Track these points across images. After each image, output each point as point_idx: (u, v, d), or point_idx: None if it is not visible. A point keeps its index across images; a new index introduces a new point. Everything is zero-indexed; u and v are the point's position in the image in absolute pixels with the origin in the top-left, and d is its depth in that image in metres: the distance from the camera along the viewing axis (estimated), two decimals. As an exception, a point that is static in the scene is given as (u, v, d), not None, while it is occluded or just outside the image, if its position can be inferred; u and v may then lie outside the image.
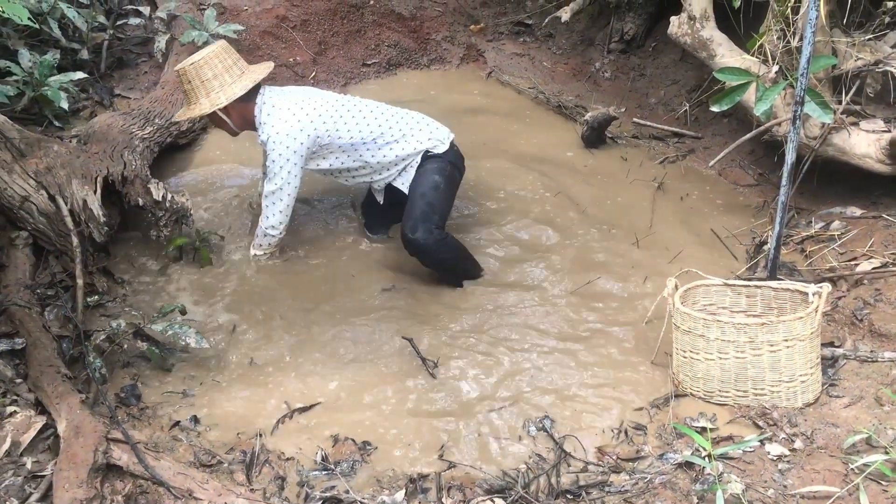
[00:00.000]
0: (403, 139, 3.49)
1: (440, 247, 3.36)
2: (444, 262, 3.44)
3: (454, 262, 3.47)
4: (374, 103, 3.57)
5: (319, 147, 3.40)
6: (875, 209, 3.61)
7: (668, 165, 4.41)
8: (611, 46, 5.35)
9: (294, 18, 5.23)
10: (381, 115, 3.49)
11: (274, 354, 3.03)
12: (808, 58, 2.84)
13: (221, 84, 3.31)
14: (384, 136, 3.45)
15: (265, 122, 3.36)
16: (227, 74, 3.32)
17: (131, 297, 3.28)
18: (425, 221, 3.35)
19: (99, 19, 4.71)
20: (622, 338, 3.15)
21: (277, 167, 3.32)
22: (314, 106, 3.38)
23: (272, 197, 3.38)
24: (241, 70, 3.37)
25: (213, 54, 3.31)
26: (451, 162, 3.57)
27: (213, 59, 3.31)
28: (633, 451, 2.62)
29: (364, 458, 2.58)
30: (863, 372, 2.79)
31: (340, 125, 3.39)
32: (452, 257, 3.45)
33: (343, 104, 3.46)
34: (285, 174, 3.33)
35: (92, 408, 2.57)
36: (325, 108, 3.39)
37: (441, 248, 3.37)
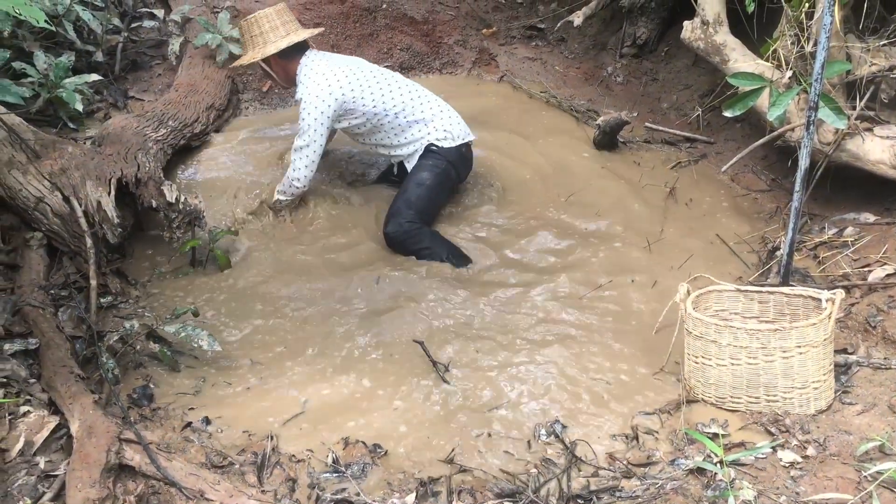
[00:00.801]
0: (422, 123, 3.76)
1: (409, 238, 3.61)
2: (419, 252, 3.62)
3: (430, 252, 3.61)
4: (408, 82, 3.88)
5: (345, 111, 3.70)
6: (889, 215, 3.59)
7: (680, 170, 4.40)
8: (623, 51, 5.34)
9: (307, 22, 5.24)
10: (408, 94, 3.79)
11: (285, 356, 3.04)
12: (823, 63, 2.83)
13: (266, 40, 3.75)
14: (405, 112, 3.75)
15: (302, 81, 3.73)
16: (273, 33, 3.76)
17: (144, 298, 3.30)
18: (396, 216, 3.65)
19: (114, 22, 4.75)
20: (633, 343, 3.15)
21: (306, 125, 3.64)
22: (346, 73, 3.69)
23: (300, 152, 3.68)
24: (287, 31, 3.78)
25: (267, 13, 3.77)
26: (450, 161, 3.75)
27: (265, 17, 3.77)
28: (644, 457, 2.61)
29: (375, 460, 2.58)
30: (876, 379, 2.78)
31: (367, 94, 3.69)
32: (426, 247, 3.61)
33: (376, 75, 3.78)
34: (312, 132, 3.64)
35: (104, 408, 2.59)
36: (356, 76, 3.70)
37: (411, 239, 3.60)
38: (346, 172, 4.22)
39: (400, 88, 3.79)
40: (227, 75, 4.73)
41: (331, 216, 3.88)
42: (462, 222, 3.92)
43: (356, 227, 3.84)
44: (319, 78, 3.66)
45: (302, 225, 3.82)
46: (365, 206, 3.97)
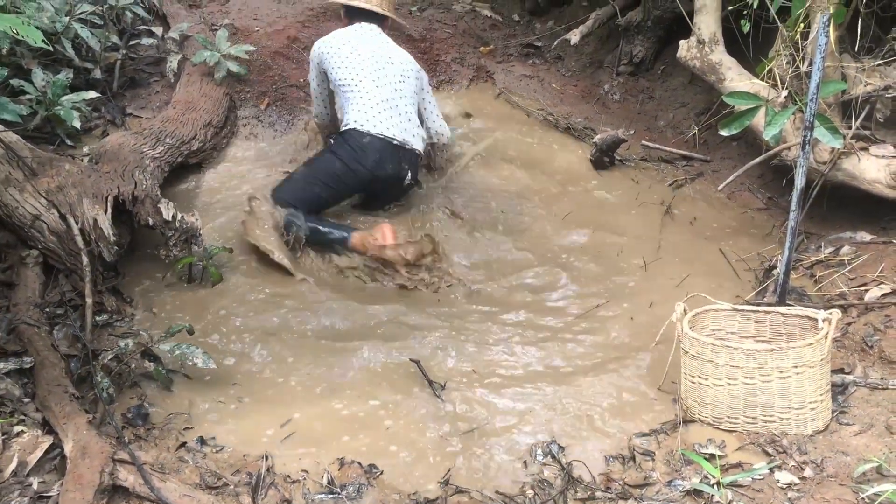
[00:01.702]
0: (351, 103, 3.92)
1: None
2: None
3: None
4: (375, 62, 3.99)
5: (322, 70, 4.06)
6: (885, 234, 3.60)
7: (676, 188, 4.41)
8: (620, 69, 5.37)
9: (305, 39, 5.26)
10: (361, 71, 3.94)
11: (280, 374, 3.02)
12: (818, 83, 2.84)
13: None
14: (344, 87, 3.95)
15: None
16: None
17: (140, 316, 3.28)
18: (274, 189, 3.89)
19: (112, 39, 4.76)
20: (630, 362, 3.14)
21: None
22: (337, 38, 4.03)
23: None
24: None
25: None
26: (343, 149, 3.85)
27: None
28: (640, 478, 2.60)
29: (370, 481, 2.56)
30: (873, 399, 2.77)
31: (335, 59, 3.97)
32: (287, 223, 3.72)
33: (355, 47, 3.99)
34: (310, 77, 4.17)
35: (99, 428, 2.57)
36: (341, 43, 4.00)
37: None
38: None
39: (360, 63, 3.95)
40: (225, 92, 4.74)
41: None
42: (455, 239, 3.92)
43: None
44: (325, 36, 4.11)
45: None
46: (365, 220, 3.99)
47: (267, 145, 4.63)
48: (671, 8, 4.93)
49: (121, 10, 4.82)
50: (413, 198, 4.16)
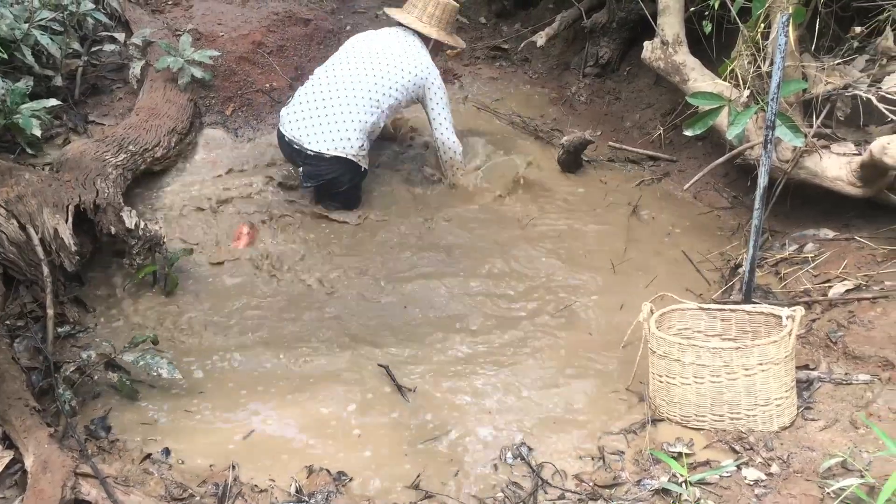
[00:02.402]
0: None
1: None
2: None
3: None
4: (350, 63, 4.12)
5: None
6: (847, 231, 3.64)
7: (643, 188, 4.43)
8: (586, 71, 5.38)
9: (270, 44, 5.23)
10: (327, 68, 4.18)
11: (247, 383, 2.99)
12: (779, 82, 2.87)
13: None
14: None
15: None
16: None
17: (103, 326, 3.24)
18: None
19: (73, 46, 4.68)
20: (598, 363, 3.15)
21: None
22: (365, 33, 4.38)
23: None
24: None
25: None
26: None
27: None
28: (610, 478, 2.60)
29: (339, 488, 2.55)
30: (837, 395, 2.80)
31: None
32: None
33: (355, 44, 4.27)
34: None
35: (61, 441, 2.53)
36: (358, 37, 4.34)
37: None
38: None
39: (333, 66, 4.14)
40: (189, 98, 4.69)
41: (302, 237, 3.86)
42: (424, 243, 3.92)
43: (318, 247, 3.81)
44: None
45: (262, 245, 3.79)
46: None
47: (233, 151, 4.59)
48: (635, 9, 4.95)
49: (81, 16, 4.75)
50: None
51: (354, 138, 3.95)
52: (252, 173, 4.34)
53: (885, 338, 2.91)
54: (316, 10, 5.65)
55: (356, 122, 3.96)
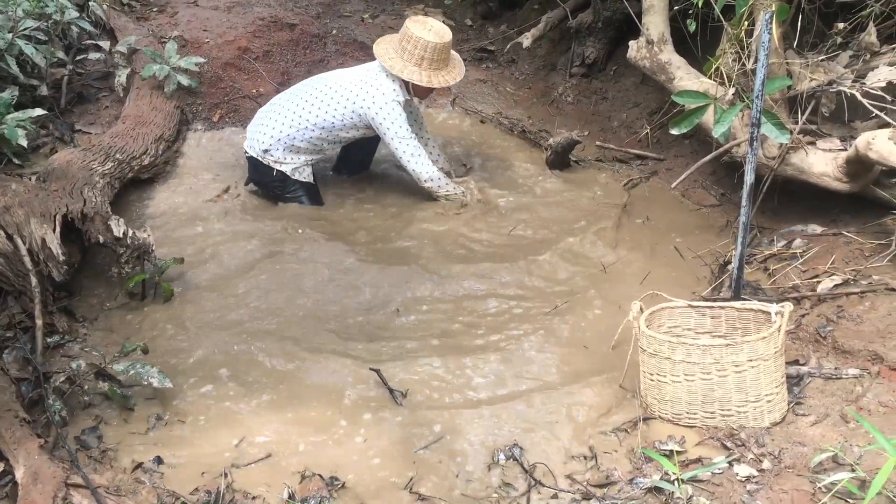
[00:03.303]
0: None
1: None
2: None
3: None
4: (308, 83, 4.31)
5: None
6: (835, 226, 3.66)
7: (632, 188, 4.44)
8: (572, 71, 5.40)
9: (256, 49, 5.23)
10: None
11: (238, 390, 2.98)
12: (763, 80, 2.88)
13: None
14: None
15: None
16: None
17: (93, 336, 3.22)
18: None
19: (58, 55, 4.68)
20: (589, 362, 3.15)
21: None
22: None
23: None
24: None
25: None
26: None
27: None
28: (602, 477, 2.61)
29: (332, 493, 2.54)
30: (828, 389, 2.81)
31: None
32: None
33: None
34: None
35: (51, 452, 2.52)
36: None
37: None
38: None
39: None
40: (175, 106, 4.69)
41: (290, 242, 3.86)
42: (411, 245, 3.93)
43: (308, 255, 3.82)
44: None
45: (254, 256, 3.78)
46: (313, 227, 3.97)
47: (221, 158, 4.58)
48: (620, 9, 4.97)
49: (66, 25, 4.75)
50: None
51: (268, 144, 4.14)
52: (240, 178, 4.34)
53: (873, 332, 2.93)
54: (301, 15, 5.66)
55: (275, 131, 4.13)
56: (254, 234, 3.91)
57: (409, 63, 4.03)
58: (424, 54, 4.02)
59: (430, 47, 4.01)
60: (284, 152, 4.14)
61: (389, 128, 4.08)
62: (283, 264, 3.73)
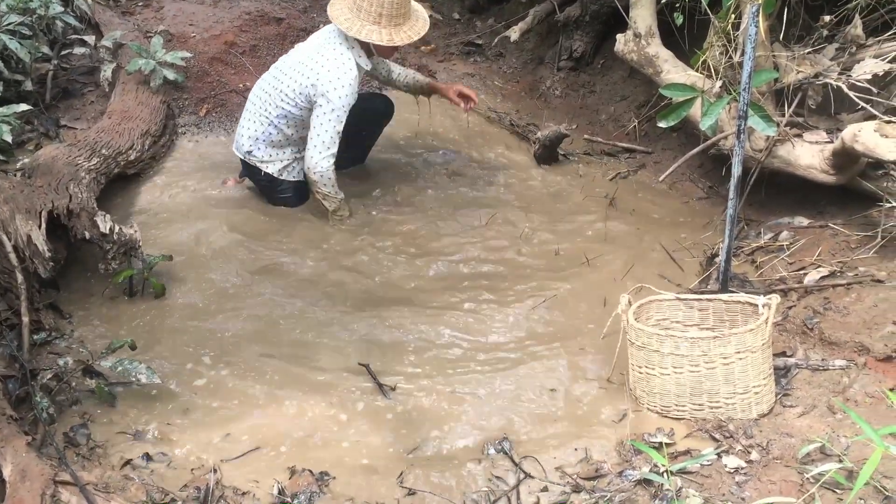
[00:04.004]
0: None
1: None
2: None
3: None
4: (276, 66, 4.08)
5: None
6: (822, 218, 3.68)
7: (619, 181, 4.45)
8: (560, 64, 5.40)
9: (243, 44, 5.21)
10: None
11: (227, 385, 2.97)
12: (750, 72, 2.89)
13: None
14: None
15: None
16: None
17: (80, 333, 3.20)
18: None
19: (42, 50, 4.64)
20: (578, 356, 3.16)
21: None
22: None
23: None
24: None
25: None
26: None
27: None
28: (592, 470, 2.62)
29: (322, 489, 2.54)
30: (815, 381, 2.83)
31: None
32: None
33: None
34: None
35: (39, 450, 2.50)
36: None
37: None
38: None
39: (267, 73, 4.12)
40: (162, 100, 4.66)
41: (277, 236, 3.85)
42: (397, 240, 3.94)
43: (295, 246, 3.81)
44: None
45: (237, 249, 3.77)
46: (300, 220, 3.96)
47: (208, 153, 4.56)
48: (607, 2, 4.97)
49: (50, 19, 4.70)
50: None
51: (248, 145, 4.02)
52: (230, 172, 4.32)
53: (860, 323, 2.95)
54: (288, 9, 5.64)
55: (250, 131, 4.01)
56: (244, 229, 3.89)
57: (367, 22, 3.69)
58: (382, 10, 3.66)
59: (386, 2, 3.66)
60: (267, 149, 3.99)
61: (325, 106, 3.75)
62: (273, 259, 3.71)
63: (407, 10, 3.79)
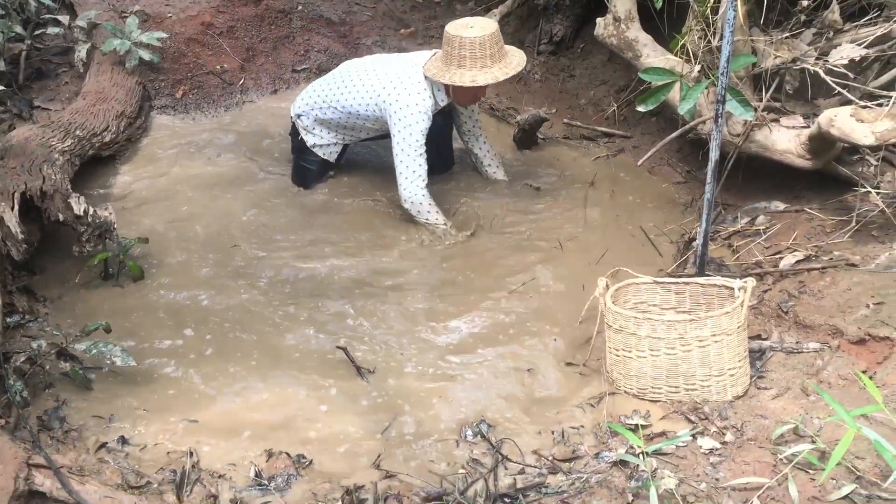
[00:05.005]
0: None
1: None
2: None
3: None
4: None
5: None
6: (798, 203, 3.70)
7: (599, 165, 4.45)
8: (540, 48, 5.38)
9: (220, 25, 5.14)
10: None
11: (202, 367, 2.96)
12: (728, 57, 2.89)
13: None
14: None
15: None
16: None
17: (54, 316, 3.17)
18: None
19: (15, 29, 4.56)
20: (556, 338, 3.17)
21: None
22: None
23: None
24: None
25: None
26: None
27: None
28: (569, 452, 2.63)
29: (299, 471, 2.54)
30: (789, 363, 2.85)
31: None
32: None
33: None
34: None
35: (13, 433, 2.48)
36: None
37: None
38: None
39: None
40: (137, 82, 4.60)
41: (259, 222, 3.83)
42: (376, 225, 3.93)
43: (277, 228, 3.79)
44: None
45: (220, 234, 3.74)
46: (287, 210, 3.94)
47: (184, 135, 4.52)
48: (588, -14, 4.97)
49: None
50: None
51: (301, 109, 4.11)
52: (208, 155, 4.28)
53: (834, 306, 2.97)
54: (266, -10, 5.57)
55: (311, 100, 4.07)
56: (223, 211, 3.86)
57: (452, 66, 3.71)
58: (465, 52, 3.67)
59: (467, 44, 3.66)
60: (313, 123, 4.09)
61: (400, 131, 3.77)
62: (253, 242, 3.69)
63: (496, 51, 3.75)
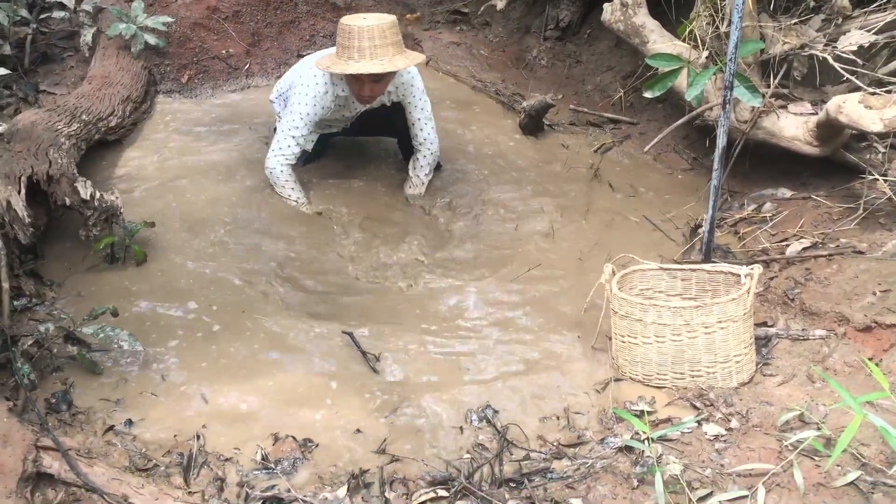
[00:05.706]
0: None
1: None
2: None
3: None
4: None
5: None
6: (805, 190, 3.70)
7: (605, 152, 4.44)
8: (547, 34, 5.36)
9: (225, 9, 5.13)
10: None
11: (210, 351, 2.96)
12: (736, 43, 2.88)
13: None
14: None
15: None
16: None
17: (61, 299, 3.17)
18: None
19: (21, 13, 4.56)
20: (562, 325, 3.17)
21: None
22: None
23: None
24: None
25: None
26: None
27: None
28: (574, 437, 2.64)
29: (305, 455, 2.55)
30: (795, 350, 2.85)
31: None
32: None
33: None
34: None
35: (21, 415, 2.49)
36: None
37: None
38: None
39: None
40: (143, 66, 4.60)
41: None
42: (388, 210, 3.92)
43: (281, 214, 3.78)
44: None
45: (225, 220, 3.74)
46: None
47: (190, 120, 4.51)
48: (595, -29, 4.94)
49: (29, -18, 4.62)
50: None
51: (274, 94, 4.11)
52: (213, 139, 4.27)
53: (840, 294, 2.97)
54: (272, -25, 5.55)
55: (281, 85, 4.09)
56: (228, 196, 3.86)
57: (343, 57, 3.54)
58: (354, 43, 3.48)
59: (356, 33, 3.47)
60: (280, 109, 4.06)
61: (289, 108, 3.82)
62: (258, 227, 3.69)
63: (389, 43, 3.52)
